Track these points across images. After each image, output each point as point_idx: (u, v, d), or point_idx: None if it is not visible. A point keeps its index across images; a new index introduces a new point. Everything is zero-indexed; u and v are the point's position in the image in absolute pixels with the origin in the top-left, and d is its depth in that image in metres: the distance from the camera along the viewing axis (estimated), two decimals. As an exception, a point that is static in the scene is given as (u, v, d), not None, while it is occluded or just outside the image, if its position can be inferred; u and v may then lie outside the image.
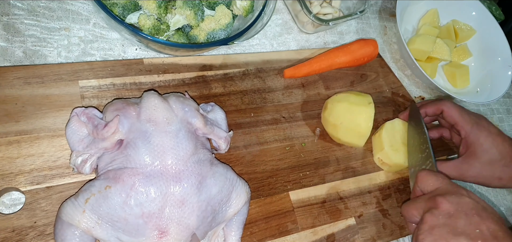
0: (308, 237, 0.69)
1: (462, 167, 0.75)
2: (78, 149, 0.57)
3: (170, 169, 0.54)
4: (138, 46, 0.74)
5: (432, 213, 0.60)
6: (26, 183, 0.57)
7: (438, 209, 0.60)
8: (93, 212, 0.51)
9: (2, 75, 0.61)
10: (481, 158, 0.74)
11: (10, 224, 0.54)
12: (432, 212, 0.60)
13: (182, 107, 0.60)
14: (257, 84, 0.78)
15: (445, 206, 0.59)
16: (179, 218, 0.53)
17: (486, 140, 0.74)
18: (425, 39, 0.97)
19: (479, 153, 0.74)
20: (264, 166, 0.72)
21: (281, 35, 0.89)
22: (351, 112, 0.74)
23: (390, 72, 0.94)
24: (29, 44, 0.67)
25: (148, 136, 0.55)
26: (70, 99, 0.64)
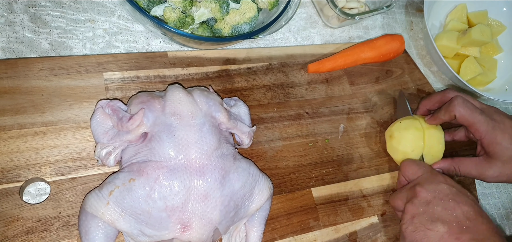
0: (330, 234, 0.68)
1: (482, 167, 0.73)
2: (103, 141, 0.57)
3: (194, 163, 0.54)
4: (162, 39, 0.74)
5: (412, 202, 0.64)
6: (51, 174, 0.58)
7: (417, 198, 0.64)
8: (117, 204, 0.52)
9: (29, 66, 0.62)
10: (501, 157, 0.72)
11: (35, 214, 0.55)
12: (412, 201, 0.64)
13: (206, 101, 0.60)
14: (280, 79, 0.77)
15: (423, 194, 0.63)
16: (202, 212, 0.53)
17: (503, 137, 0.71)
18: (452, 35, 0.95)
19: (498, 152, 0.71)
20: (286, 161, 0.71)
21: (305, 29, 0.88)
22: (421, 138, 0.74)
23: (416, 68, 0.92)
24: (55, 36, 0.68)
25: (173, 129, 0.55)
26: (95, 91, 0.64)
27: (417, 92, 0.89)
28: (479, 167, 0.74)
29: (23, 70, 0.61)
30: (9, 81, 0.60)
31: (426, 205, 0.62)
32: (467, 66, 0.94)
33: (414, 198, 0.64)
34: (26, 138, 0.58)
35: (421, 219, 0.61)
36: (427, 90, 0.90)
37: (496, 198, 0.91)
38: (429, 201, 0.62)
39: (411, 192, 0.65)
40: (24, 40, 0.65)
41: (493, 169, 0.73)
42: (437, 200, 0.62)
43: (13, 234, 0.53)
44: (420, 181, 0.66)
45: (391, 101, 0.85)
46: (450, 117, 0.73)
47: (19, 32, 0.65)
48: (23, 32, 0.66)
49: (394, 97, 0.86)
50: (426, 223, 0.60)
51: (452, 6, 1.03)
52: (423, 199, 0.63)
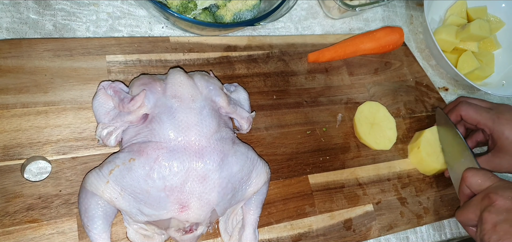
0: (326, 220, 0.69)
1: (493, 161, 0.75)
2: (104, 121, 0.58)
3: (193, 144, 0.55)
4: (165, 24, 0.75)
5: (490, 211, 0.61)
6: (52, 153, 0.59)
7: (495, 206, 0.61)
8: (116, 183, 0.53)
9: (33, 46, 0.63)
10: (510, 150, 0.74)
11: (36, 191, 0.56)
12: (489, 210, 0.61)
13: (207, 85, 0.61)
14: (280, 67, 0.78)
15: (501, 201, 0.60)
16: (200, 193, 0.54)
17: (510, 131, 0.73)
18: (452, 29, 0.96)
19: (507, 145, 0.73)
20: (284, 148, 0.72)
21: (306, 19, 0.88)
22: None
23: (414, 61, 0.93)
24: (59, 18, 0.68)
25: (173, 111, 0.56)
26: (97, 73, 0.65)
27: (416, 85, 0.90)
28: (491, 162, 0.75)
29: (27, 50, 0.62)
30: (13, 60, 0.61)
31: (507, 212, 0.60)
32: (465, 60, 0.95)
33: (490, 206, 0.61)
34: (28, 116, 0.59)
35: (504, 226, 0.59)
36: (425, 83, 0.91)
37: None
38: (509, 208, 0.60)
39: (485, 202, 0.63)
40: (28, 21, 0.66)
41: (504, 162, 0.74)
42: None
43: (14, 210, 0.54)
44: (493, 189, 0.64)
45: (389, 93, 0.86)
46: (456, 116, 0.76)
47: (24, 13, 0.66)
48: (28, 13, 0.66)
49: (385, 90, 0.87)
50: (511, 231, 0.58)
51: (452, 1, 1.04)
52: (502, 206, 0.60)
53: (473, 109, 0.76)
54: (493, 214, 0.60)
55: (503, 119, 0.74)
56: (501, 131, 0.73)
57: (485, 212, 0.61)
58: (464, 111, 0.76)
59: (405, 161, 0.81)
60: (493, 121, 0.74)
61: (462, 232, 0.80)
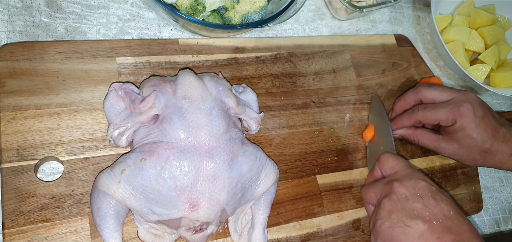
0: (334, 220, 0.70)
1: (440, 144, 0.75)
2: (115, 122, 0.59)
3: (204, 144, 0.55)
4: (174, 26, 0.76)
5: (390, 197, 0.61)
6: (64, 153, 0.60)
7: (395, 194, 0.61)
8: (128, 183, 0.53)
9: (45, 49, 0.64)
10: (461, 141, 0.73)
11: (49, 191, 0.57)
12: (389, 197, 0.62)
13: (216, 86, 0.61)
14: (288, 68, 0.79)
15: (401, 190, 0.61)
16: (210, 192, 0.55)
17: (469, 125, 0.72)
18: (459, 30, 0.96)
19: (460, 136, 0.73)
20: (292, 149, 0.73)
21: (313, 21, 0.89)
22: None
23: (422, 62, 0.93)
24: (70, 21, 0.69)
25: (184, 112, 0.57)
26: (108, 75, 0.66)
27: (423, 85, 0.90)
28: (437, 142, 0.75)
29: (39, 53, 0.63)
30: (26, 63, 0.62)
31: (404, 201, 0.60)
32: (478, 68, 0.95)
33: (391, 193, 0.62)
34: (41, 118, 0.60)
35: (399, 215, 0.59)
36: (432, 83, 0.91)
37: (499, 192, 0.92)
38: (408, 197, 0.60)
39: (387, 187, 0.64)
40: (40, 24, 0.67)
41: (449, 147, 0.74)
42: (416, 197, 0.60)
43: (28, 209, 0.55)
44: (398, 176, 0.64)
45: (397, 93, 0.86)
46: (415, 122, 0.76)
47: (36, 17, 0.67)
48: (40, 16, 0.68)
49: (392, 90, 0.87)
50: (405, 220, 0.58)
51: (459, 2, 1.04)
52: (401, 194, 0.61)
53: (430, 111, 0.74)
54: (391, 201, 0.61)
55: (464, 109, 0.72)
56: (460, 123, 0.72)
57: (385, 198, 0.62)
58: (421, 116, 0.75)
59: (412, 160, 0.81)
60: (454, 114, 0.72)
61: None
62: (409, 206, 0.59)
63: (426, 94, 0.76)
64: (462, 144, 0.73)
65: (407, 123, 0.77)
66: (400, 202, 0.60)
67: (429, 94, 0.76)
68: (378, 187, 0.66)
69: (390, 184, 0.63)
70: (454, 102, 0.73)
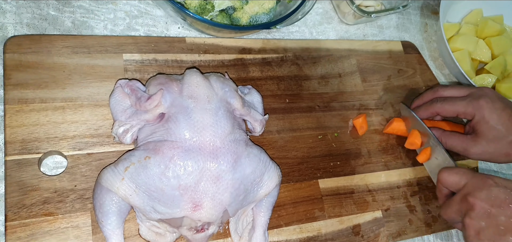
0: (334, 225, 0.70)
1: (467, 143, 0.74)
2: (121, 119, 0.59)
3: (208, 145, 0.55)
4: (181, 24, 0.76)
5: (471, 216, 0.61)
6: (68, 148, 0.60)
7: (474, 211, 0.61)
8: (131, 180, 0.54)
9: (52, 43, 0.64)
10: (487, 135, 0.72)
11: (52, 185, 0.57)
12: (470, 216, 0.61)
13: (222, 87, 0.61)
14: (294, 71, 0.79)
15: (479, 205, 0.61)
16: (213, 193, 0.55)
17: (491, 117, 0.72)
18: (467, 39, 0.96)
19: (484, 130, 0.72)
20: (295, 152, 0.73)
21: (321, 24, 0.89)
22: None
23: (427, 69, 0.93)
24: (78, 15, 0.70)
25: (189, 111, 0.57)
26: (114, 71, 0.66)
27: (428, 93, 0.90)
28: (465, 143, 0.75)
29: (46, 46, 0.64)
30: (32, 56, 0.62)
31: (487, 217, 0.60)
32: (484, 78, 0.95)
33: (470, 211, 0.62)
34: (46, 112, 0.60)
35: (487, 234, 0.59)
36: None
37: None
38: (488, 212, 0.60)
39: (464, 205, 0.63)
40: (48, 17, 0.67)
41: (477, 146, 0.74)
42: (496, 209, 0.59)
43: (31, 202, 0.55)
44: (469, 189, 0.63)
45: (401, 100, 0.86)
46: (432, 114, 0.76)
47: (44, 10, 0.67)
48: (48, 9, 0.68)
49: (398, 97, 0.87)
50: (494, 237, 0.58)
51: (467, 10, 1.03)
52: (481, 210, 0.60)
53: (449, 103, 0.75)
54: (474, 220, 0.61)
55: (483, 102, 0.72)
56: (481, 115, 0.72)
57: (466, 218, 0.62)
58: (439, 108, 0.75)
59: (415, 168, 0.81)
60: (473, 106, 0.73)
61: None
62: (493, 222, 0.59)
63: (443, 92, 0.77)
64: (489, 139, 0.72)
65: (424, 114, 0.77)
66: (482, 219, 0.60)
67: (446, 92, 0.77)
68: (454, 207, 0.65)
69: (465, 201, 0.63)
70: (472, 96, 0.74)
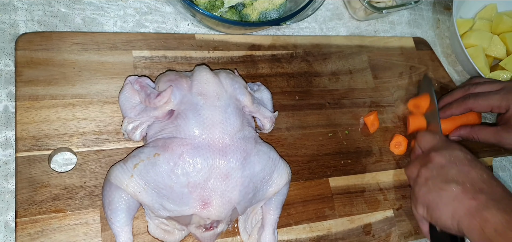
0: (345, 224, 0.69)
1: (501, 134, 0.74)
2: (130, 116, 0.59)
3: (217, 142, 0.55)
4: (191, 21, 0.75)
5: (427, 166, 0.66)
6: (78, 145, 0.60)
7: (431, 163, 0.65)
8: (140, 177, 0.53)
9: (63, 40, 0.64)
10: None
11: (62, 182, 0.57)
12: (427, 166, 0.66)
13: (232, 83, 0.61)
14: (304, 68, 0.78)
15: (437, 159, 0.65)
16: (222, 191, 0.54)
17: None
18: (481, 35, 0.94)
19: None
20: (305, 149, 0.72)
21: (331, 20, 0.88)
22: None
23: (440, 66, 0.92)
24: (88, 12, 0.70)
25: (199, 108, 0.56)
26: (124, 67, 0.66)
27: (440, 90, 0.89)
28: (498, 134, 0.75)
29: (57, 43, 0.64)
30: (43, 53, 0.62)
31: (440, 168, 0.64)
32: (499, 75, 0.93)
33: (428, 163, 0.66)
34: (56, 108, 0.60)
35: (434, 181, 0.63)
36: (450, 89, 0.90)
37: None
38: (444, 164, 0.64)
39: (425, 158, 0.67)
40: (58, 14, 0.67)
41: (510, 136, 0.74)
42: (451, 164, 0.64)
43: (41, 199, 0.56)
44: (435, 148, 0.68)
45: (413, 97, 0.85)
46: (465, 110, 0.76)
47: (55, 7, 0.68)
48: (58, 6, 0.68)
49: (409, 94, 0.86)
50: (439, 184, 0.62)
51: (481, 6, 1.02)
52: (437, 163, 0.65)
53: (482, 98, 0.75)
54: (428, 169, 0.65)
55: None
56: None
57: (422, 167, 0.66)
58: (473, 104, 0.76)
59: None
60: (507, 99, 0.73)
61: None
62: (444, 172, 0.63)
63: (475, 89, 0.78)
64: None
65: (457, 111, 0.78)
66: (435, 169, 0.64)
67: (478, 88, 0.78)
68: (417, 160, 0.69)
69: (427, 155, 0.67)
70: (506, 90, 0.74)
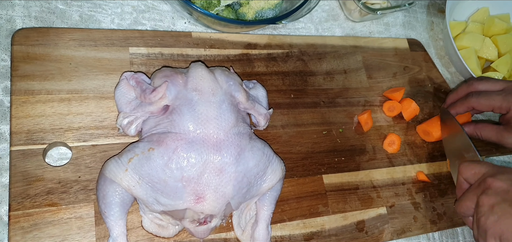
0: (338, 221, 0.70)
1: (502, 134, 0.75)
2: (125, 111, 0.60)
3: (212, 137, 0.56)
4: (188, 19, 0.76)
5: (487, 194, 0.59)
6: (73, 139, 0.60)
7: (491, 189, 0.59)
8: (135, 171, 0.54)
9: (60, 36, 0.65)
10: None
11: (56, 176, 0.58)
12: (486, 193, 0.59)
13: (227, 80, 0.62)
14: (299, 67, 0.79)
15: (498, 184, 0.59)
16: (216, 185, 0.55)
17: None
18: (473, 37, 0.95)
19: None
20: (299, 147, 0.73)
21: (327, 21, 0.89)
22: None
23: (433, 67, 0.93)
24: (86, 9, 0.70)
25: (194, 104, 0.57)
26: (120, 64, 0.67)
27: (434, 91, 0.90)
28: (499, 134, 0.75)
29: (53, 39, 0.64)
30: (40, 48, 0.63)
31: (504, 193, 0.58)
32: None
33: (487, 189, 0.60)
34: (52, 103, 0.61)
35: (502, 207, 0.57)
36: (443, 89, 0.91)
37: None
38: (507, 189, 0.58)
39: (482, 186, 0.61)
40: (56, 11, 0.68)
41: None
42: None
43: (35, 193, 0.56)
44: (490, 174, 0.61)
45: (407, 97, 0.85)
46: (467, 108, 0.77)
47: (52, 3, 0.68)
48: (56, 3, 0.68)
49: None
50: (509, 210, 0.56)
51: (474, 9, 1.03)
52: (499, 188, 0.58)
53: (484, 98, 0.75)
54: (490, 196, 0.58)
55: None
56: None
57: (482, 195, 0.60)
58: (474, 102, 0.76)
59: (420, 165, 0.80)
60: (508, 101, 0.73)
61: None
62: (509, 196, 0.57)
63: (478, 86, 0.78)
64: None
65: (460, 109, 0.78)
66: (499, 195, 0.58)
67: (481, 86, 0.78)
68: (472, 192, 0.63)
69: (484, 181, 0.61)
70: (507, 91, 0.74)
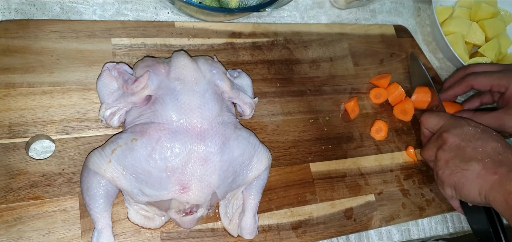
0: (326, 209, 0.70)
1: (502, 118, 0.75)
2: (108, 102, 0.59)
3: (195, 127, 0.55)
4: (171, 9, 0.75)
5: (443, 149, 0.68)
6: (56, 132, 0.59)
7: (446, 144, 0.68)
8: (118, 163, 0.53)
9: (40, 28, 0.64)
10: None
11: (40, 169, 0.57)
12: (442, 148, 0.68)
13: (210, 69, 0.61)
14: (284, 55, 0.78)
15: (451, 139, 0.67)
16: (201, 175, 0.54)
17: None
18: (460, 22, 0.95)
19: None
20: (286, 136, 0.72)
21: (312, 8, 0.88)
22: None
23: (421, 53, 0.92)
24: (67, 1, 0.69)
25: (176, 93, 0.56)
26: (103, 55, 0.66)
27: (421, 77, 0.90)
28: (499, 118, 0.76)
29: (34, 31, 0.63)
30: (20, 41, 0.62)
31: (456, 148, 0.66)
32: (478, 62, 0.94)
33: (443, 144, 0.68)
34: (34, 96, 0.60)
35: (454, 162, 0.66)
36: (431, 74, 0.91)
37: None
38: (458, 144, 0.66)
39: (439, 140, 0.69)
40: (36, 3, 0.67)
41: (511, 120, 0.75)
42: (465, 142, 0.66)
43: (18, 186, 0.55)
44: (446, 127, 0.70)
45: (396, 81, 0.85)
46: (466, 88, 0.79)
47: (31, -6, 0.67)
48: (35, -6, 0.67)
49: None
50: (460, 165, 0.65)
51: (461, -6, 1.03)
52: (452, 143, 0.67)
53: (483, 76, 0.78)
54: (445, 152, 0.67)
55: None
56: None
57: (439, 150, 0.69)
58: (473, 81, 0.78)
59: (408, 152, 0.80)
60: (507, 78, 0.75)
61: (465, 227, 0.79)
62: (461, 152, 0.66)
63: (476, 68, 0.81)
64: None
65: (459, 90, 0.81)
66: (452, 150, 0.67)
67: (479, 68, 0.80)
68: (431, 144, 0.72)
69: (440, 136, 0.69)
70: (506, 70, 0.77)
